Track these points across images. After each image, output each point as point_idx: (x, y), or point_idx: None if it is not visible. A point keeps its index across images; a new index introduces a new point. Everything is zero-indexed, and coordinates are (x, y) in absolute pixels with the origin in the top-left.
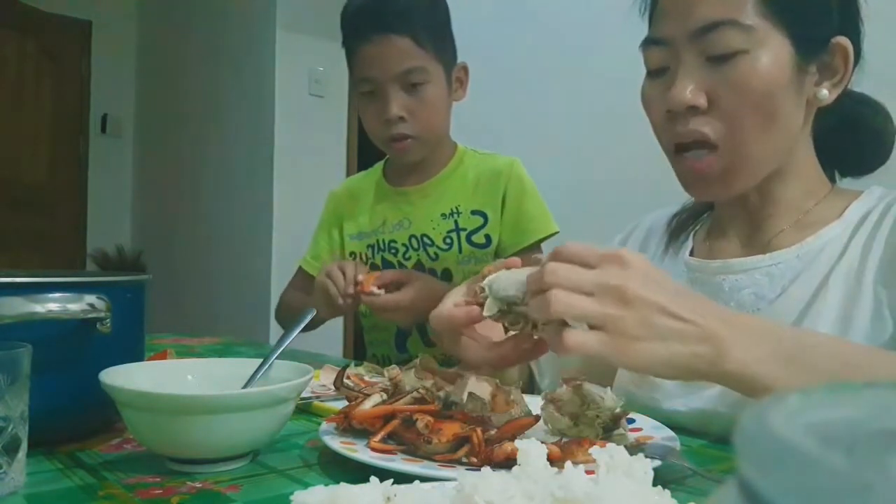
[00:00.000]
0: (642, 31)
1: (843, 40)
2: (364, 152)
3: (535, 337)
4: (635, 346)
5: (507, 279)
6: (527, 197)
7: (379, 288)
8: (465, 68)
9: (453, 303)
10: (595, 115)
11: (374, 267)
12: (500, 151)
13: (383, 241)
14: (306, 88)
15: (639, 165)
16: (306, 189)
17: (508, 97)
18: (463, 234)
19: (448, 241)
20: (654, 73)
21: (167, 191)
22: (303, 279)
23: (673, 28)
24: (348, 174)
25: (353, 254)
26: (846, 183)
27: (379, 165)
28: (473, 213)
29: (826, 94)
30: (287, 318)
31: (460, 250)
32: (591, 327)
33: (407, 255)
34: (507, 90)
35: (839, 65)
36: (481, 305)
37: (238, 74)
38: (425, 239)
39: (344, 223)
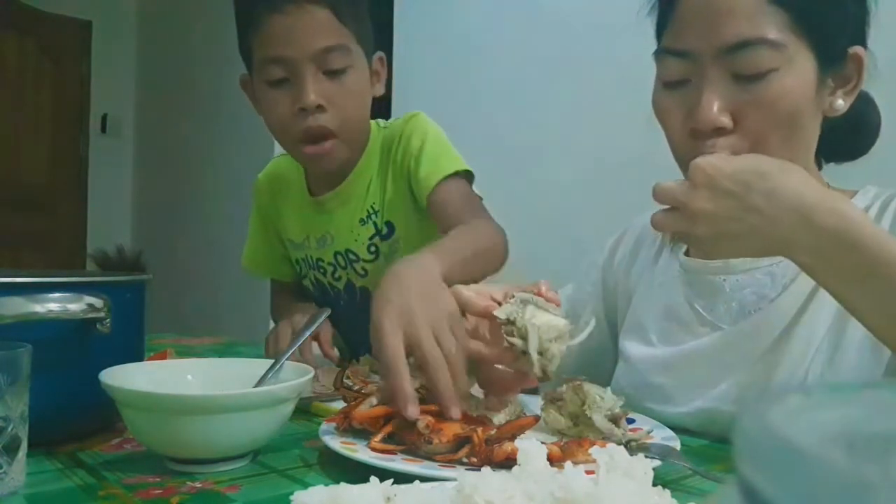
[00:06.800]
0: (649, 33)
1: (860, 50)
2: None
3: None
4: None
5: (545, 325)
6: (424, 147)
7: None
8: (382, 59)
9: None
10: (600, 113)
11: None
12: (499, 152)
13: (311, 257)
14: None
15: (642, 164)
16: None
17: (510, 97)
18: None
19: (372, 250)
20: (671, 85)
21: (167, 191)
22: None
23: (697, 41)
24: None
25: (297, 261)
26: (830, 168)
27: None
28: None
29: (842, 104)
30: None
31: (388, 258)
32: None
33: (336, 275)
34: (510, 90)
35: (853, 73)
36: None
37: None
38: (350, 255)
39: (278, 223)
